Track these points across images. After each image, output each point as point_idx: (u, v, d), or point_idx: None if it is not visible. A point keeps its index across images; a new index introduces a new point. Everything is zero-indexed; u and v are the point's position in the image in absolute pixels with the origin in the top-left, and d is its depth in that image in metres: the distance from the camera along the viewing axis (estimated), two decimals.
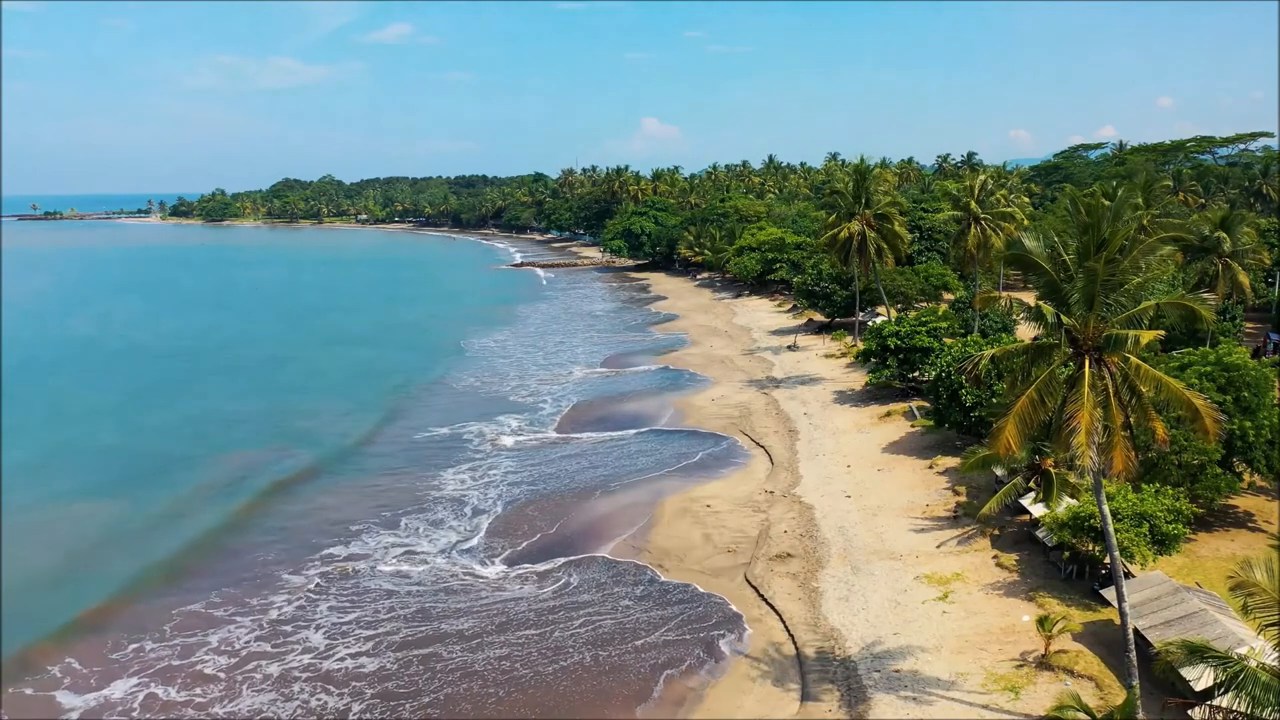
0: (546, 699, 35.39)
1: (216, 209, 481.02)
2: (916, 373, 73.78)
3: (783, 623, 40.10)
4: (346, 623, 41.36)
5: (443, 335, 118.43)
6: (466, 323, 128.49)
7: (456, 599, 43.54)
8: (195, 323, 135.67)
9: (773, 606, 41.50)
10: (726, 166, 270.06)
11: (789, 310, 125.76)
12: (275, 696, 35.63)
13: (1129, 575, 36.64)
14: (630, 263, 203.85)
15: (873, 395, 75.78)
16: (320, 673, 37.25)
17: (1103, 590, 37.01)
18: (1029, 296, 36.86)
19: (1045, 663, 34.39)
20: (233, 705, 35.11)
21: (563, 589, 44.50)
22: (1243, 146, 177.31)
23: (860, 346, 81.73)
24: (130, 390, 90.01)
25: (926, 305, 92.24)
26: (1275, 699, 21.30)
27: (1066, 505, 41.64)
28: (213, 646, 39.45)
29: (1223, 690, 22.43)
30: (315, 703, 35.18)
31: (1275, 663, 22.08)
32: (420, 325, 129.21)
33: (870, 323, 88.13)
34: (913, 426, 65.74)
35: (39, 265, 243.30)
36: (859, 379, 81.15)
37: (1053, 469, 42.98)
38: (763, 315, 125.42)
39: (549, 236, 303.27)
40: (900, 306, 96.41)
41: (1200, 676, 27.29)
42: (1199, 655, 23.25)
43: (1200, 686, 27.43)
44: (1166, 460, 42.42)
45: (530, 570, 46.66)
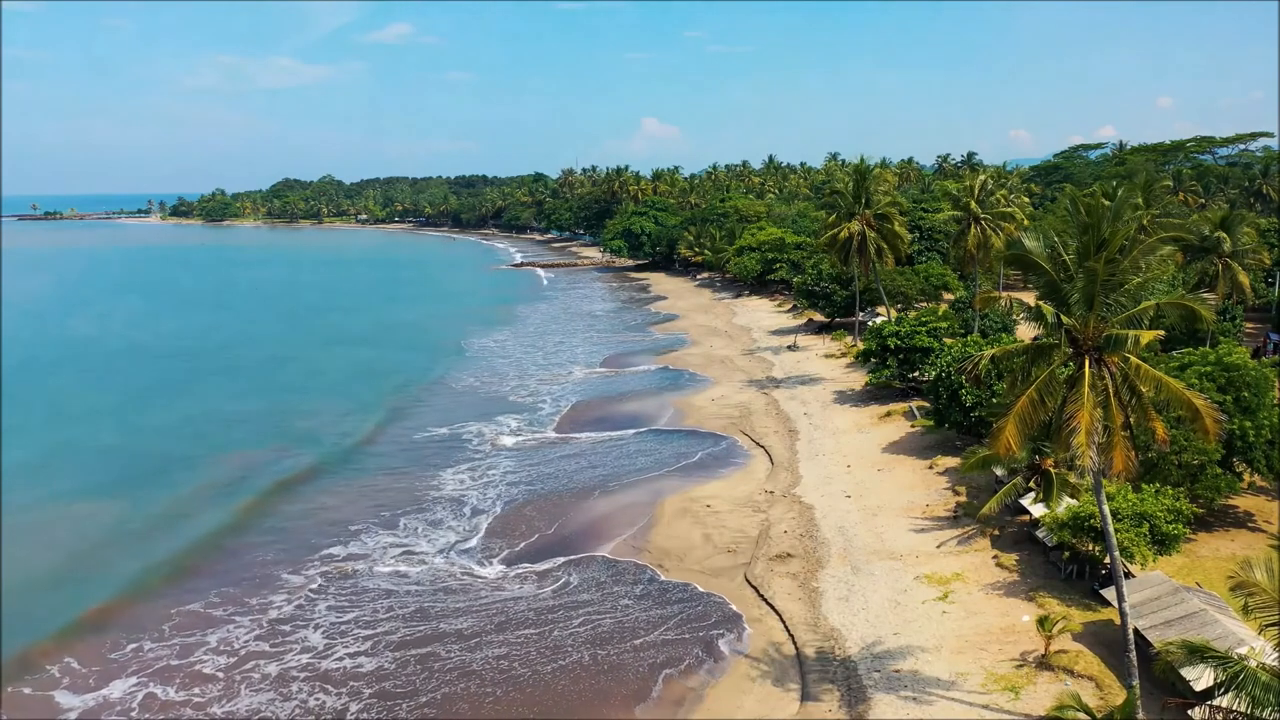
0: (545, 698, 35.36)
1: (216, 209, 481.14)
2: (916, 373, 73.75)
3: (783, 623, 40.07)
4: (345, 622, 41.33)
5: (442, 335, 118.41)
6: (466, 323, 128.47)
7: (455, 599, 43.49)
8: (195, 323, 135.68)
9: (773, 606, 41.47)
10: (726, 166, 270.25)
11: (789, 310, 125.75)
12: (274, 696, 35.61)
13: (1129, 575, 36.60)
14: (630, 263, 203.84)
15: (873, 395, 75.75)
16: (318, 672, 37.22)
17: (1103, 590, 36.98)
18: (1029, 296, 36.81)
19: (1045, 663, 34.36)
20: (231, 705, 35.08)
21: (562, 588, 44.46)
22: (1243, 146, 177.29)
23: (860, 346, 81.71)
24: (130, 390, 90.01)
25: (926, 305, 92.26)
26: (1275, 699, 21.27)
27: (1066, 505, 41.61)
28: (212, 646, 39.44)
29: (1223, 690, 22.40)
30: (313, 702, 35.16)
31: (1275, 663, 22.05)
32: (420, 325, 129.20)
33: (870, 323, 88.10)
34: (913, 426, 65.71)
35: (39, 265, 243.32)
36: (859, 379, 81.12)
37: (1053, 469, 42.95)
38: (763, 315, 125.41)
39: (549, 236, 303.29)
40: (900, 306, 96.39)
41: (1200, 676, 27.25)
42: (1199, 655, 23.22)
43: (1200, 686, 27.39)
44: (1166, 460, 42.38)
45: (529, 570, 46.62)
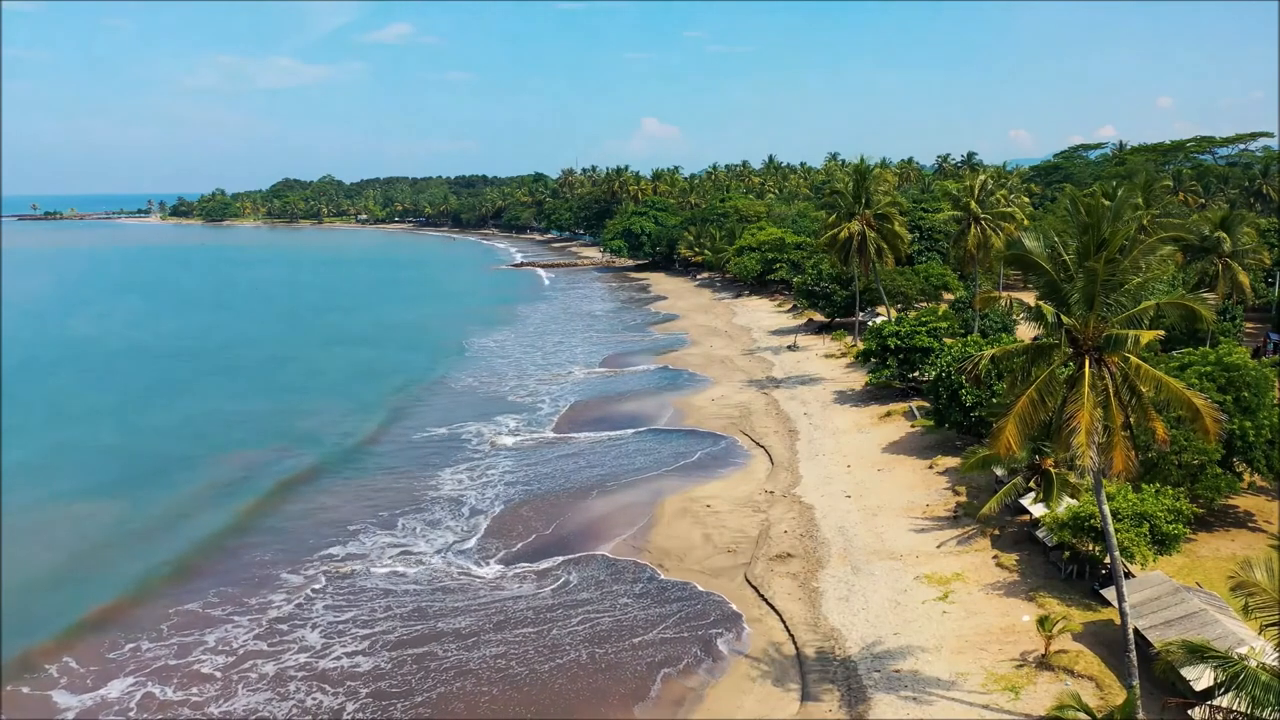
0: (542, 697, 35.32)
1: (216, 209, 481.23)
2: (916, 373, 73.70)
3: (783, 623, 40.02)
4: (343, 622, 41.29)
5: (442, 335, 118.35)
6: (466, 323, 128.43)
7: (453, 598, 43.43)
8: (195, 323, 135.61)
9: (773, 606, 41.41)
10: (726, 166, 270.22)
11: (789, 310, 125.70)
12: (271, 696, 35.56)
13: (1129, 575, 36.55)
14: (630, 263, 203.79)
15: (873, 395, 75.69)
16: (316, 672, 37.18)
17: (1103, 590, 36.93)
18: (1029, 296, 36.77)
19: (1045, 663, 34.31)
20: (229, 705, 35.02)
21: (561, 588, 44.42)
22: (1243, 146, 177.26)
23: (860, 346, 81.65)
24: (130, 390, 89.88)
25: (926, 305, 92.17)
26: (1275, 699, 21.22)
27: (1066, 505, 41.55)
28: (210, 646, 39.38)
29: (1223, 690, 22.36)
30: (311, 702, 35.12)
31: (1275, 663, 22.00)
32: (420, 325, 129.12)
33: (870, 323, 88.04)
34: (913, 426, 65.65)
35: (39, 265, 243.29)
36: (859, 379, 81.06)
37: (1053, 469, 42.88)
38: (763, 315, 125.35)
39: (549, 236, 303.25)
40: (900, 306, 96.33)
41: (1200, 676, 27.18)
42: (1199, 655, 23.18)
43: (1200, 686, 27.33)
44: (1166, 460, 42.33)
45: (528, 569, 46.56)
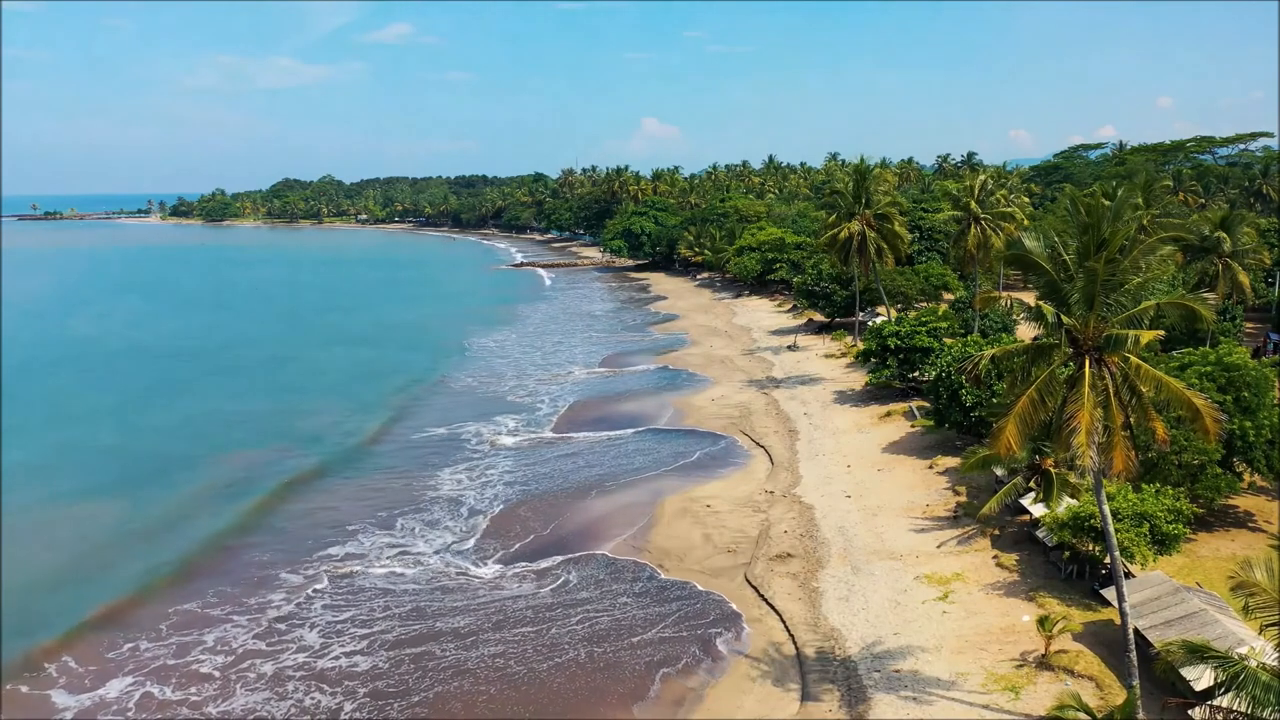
0: (540, 696, 35.29)
1: (216, 209, 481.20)
2: (916, 373, 73.65)
3: (783, 623, 39.98)
4: (341, 621, 41.24)
5: (442, 335, 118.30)
6: (466, 323, 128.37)
7: (452, 598, 43.38)
8: (195, 323, 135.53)
9: (773, 606, 41.37)
10: (726, 166, 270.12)
11: (789, 310, 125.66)
12: (269, 695, 35.53)
13: (1129, 575, 36.51)
14: (630, 263, 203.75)
15: (873, 395, 75.65)
16: (314, 672, 37.14)
17: (1103, 590, 36.89)
18: (1029, 296, 36.74)
19: (1045, 663, 34.27)
20: (227, 704, 34.98)
21: (560, 587, 44.38)
22: (1243, 146, 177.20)
23: (860, 346, 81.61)
24: (131, 390, 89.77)
25: (926, 305, 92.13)
26: (1276, 699, 21.17)
27: (1066, 505, 41.52)
28: (208, 646, 39.34)
29: (1223, 690, 22.30)
30: (309, 701, 35.08)
31: (1276, 663, 21.96)
32: (420, 325, 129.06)
33: (870, 323, 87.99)
34: (913, 426, 65.61)
35: (39, 265, 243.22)
36: (859, 379, 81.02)
37: (1053, 469, 42.84)
38: (763, 315, 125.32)
39: (549, 236, 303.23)
40: (900, 306, 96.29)
41: (1200, 676, 27.14)
42: (1199, 655, 23.12)
43: (1200, 686, 27.28)
44: (1166, 460, 42.29)
45: (528, 569, 46.52)
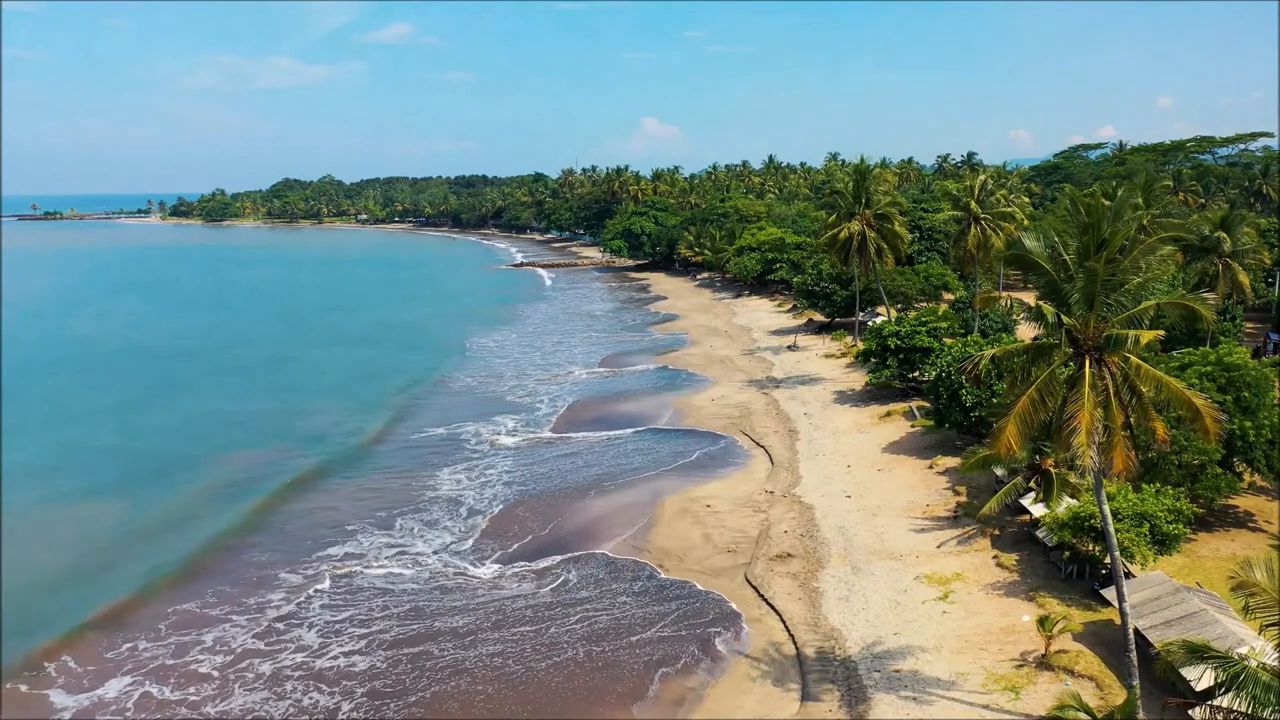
0: (538, 695, 35.27)
1: (216, 209, 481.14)
2: (916, 373, 73.61)
3: (783, 623, 39.94)
4: (340, 621, 41.20)
5: (442, 335, 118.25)
6: (465, 323, 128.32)
7: (451, 598, 43.34)
8: (195, 323, 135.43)
9: (773, 606, 41.34)
10: (726, 166, 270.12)
11: (789, 310, 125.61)
12: (267, 695, 35.50)
13: (1129, 575, 36.47)
14: (630, 263, 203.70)
15: (873, 395, 75.62)
16: (313, 671, 37.11)
17: (1103, 590, 36.85)
18: (1029, 296, 36.70)
19: (1045, 663, 34.23)
20: (226, 704, 34.95)
21: (560, 587, 44.35)
22: (1243, 146, 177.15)
23: (860, 346, 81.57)
24: (131, 390, 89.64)
25: (926, 305, 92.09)
26: (1276, 699, 21.12)
27: (1066, 505, 41.48)
28: (207, 645, 39.30)
29: (1223, 690, 22.25)
30: (307, 701, 35.06)
31: (1276, 663, 21.92)
32: (420, 325, 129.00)
33: (870, 323, 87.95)
34: (913, 426, 65.58)
35: (39, 265, 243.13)
36: (859, 379, 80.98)
37: (1053, 469, 42.81)
38: (763, 315, 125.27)
39: (549, 236, 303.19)
40: (900, 306, 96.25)
41: (1201, 676, 27.11)
42: (1199, 655, 23.07)
43: (1201, 686, 27.23)
44: (1167, 460, 42.25)
45: (526, 568, 46.49)
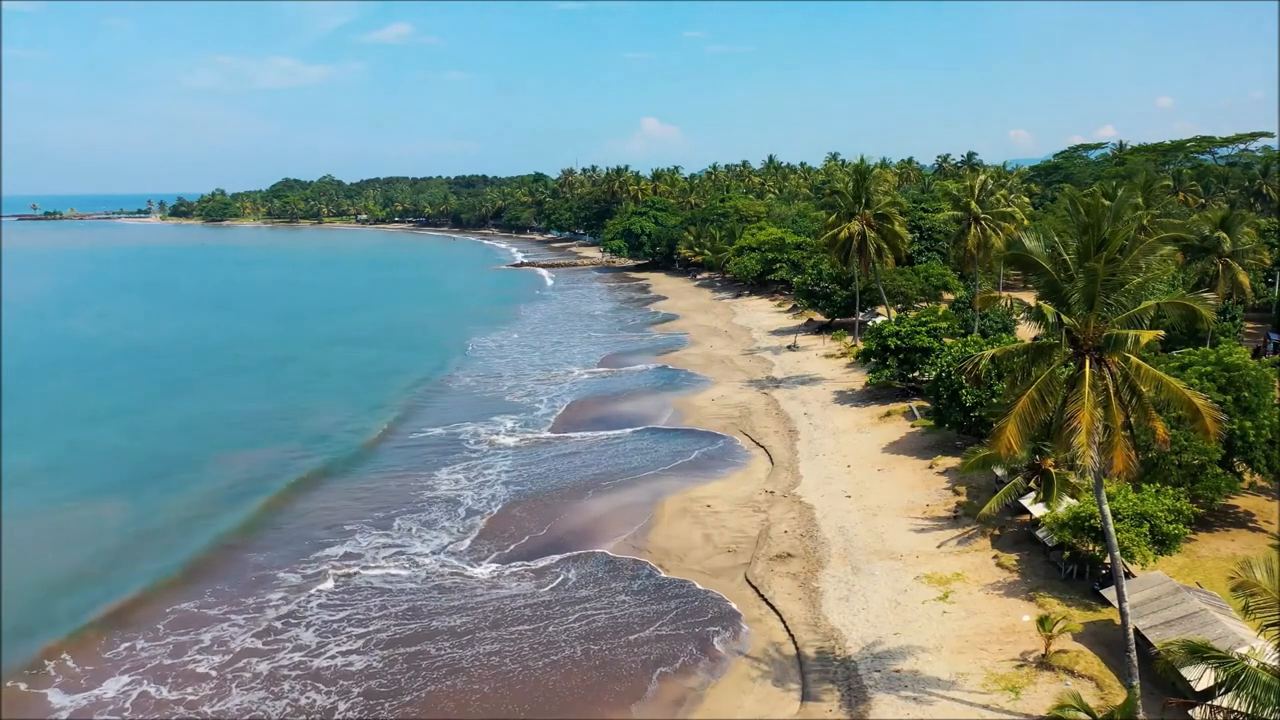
0: (536, 694, 35.27)
1: (216, 209, 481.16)
2: (916, 373, 73.57)
3: (783, 622, 39.90)
4: (338, 621, 41.17)
5: (442, 335, 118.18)
6: (465, 323, 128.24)
7: (448, 597, 43.31)
8: (196, 323, 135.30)
9: (773, 606, 41.30)
10: (726, 166, 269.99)
11: (789, 310, 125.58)
12: (265, 695, 35.47)
13: (1129, 575, 36.43)
14: (630, 263, 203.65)
15: (873, 395, 75.58)
16: (310, 671, 37.09)
17: (1103, 590, 36.81)
18: (1029, 296, 36.66)
19: (1045, 663, 34.19)
20: (223, 704, 34.92)
21: (560, 586, 44.33)
22: (1243, 146, 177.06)
23: (860, 346, 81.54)
24: (133, 391, 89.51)
25: (926, 305, 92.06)
26: (1276, 699, 21.09)
27: (1067, 505, 41.44)
28: (205, 645, 39.26)
29: (1223, 690, 22.22)
30: (304, 701, 35.05)
31: (1276, 663, 21.88)
32: (419, 325, 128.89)
33: (870, 323, 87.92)
34: (913, 426, 65.54)
35: (39, 265, 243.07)
36: (859, 379, 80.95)
37: (1053, 469, 42.78)
38: (763, 315, 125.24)
39: (549, 236, 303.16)
40: (900, 306, 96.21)
41: (1201, 676, 27.08)
42: (1199, 655, 23.04)
43: (1201, 686, 27.21)
44: (1167, 460, 42.21)
45: (525, 568, 46.46)
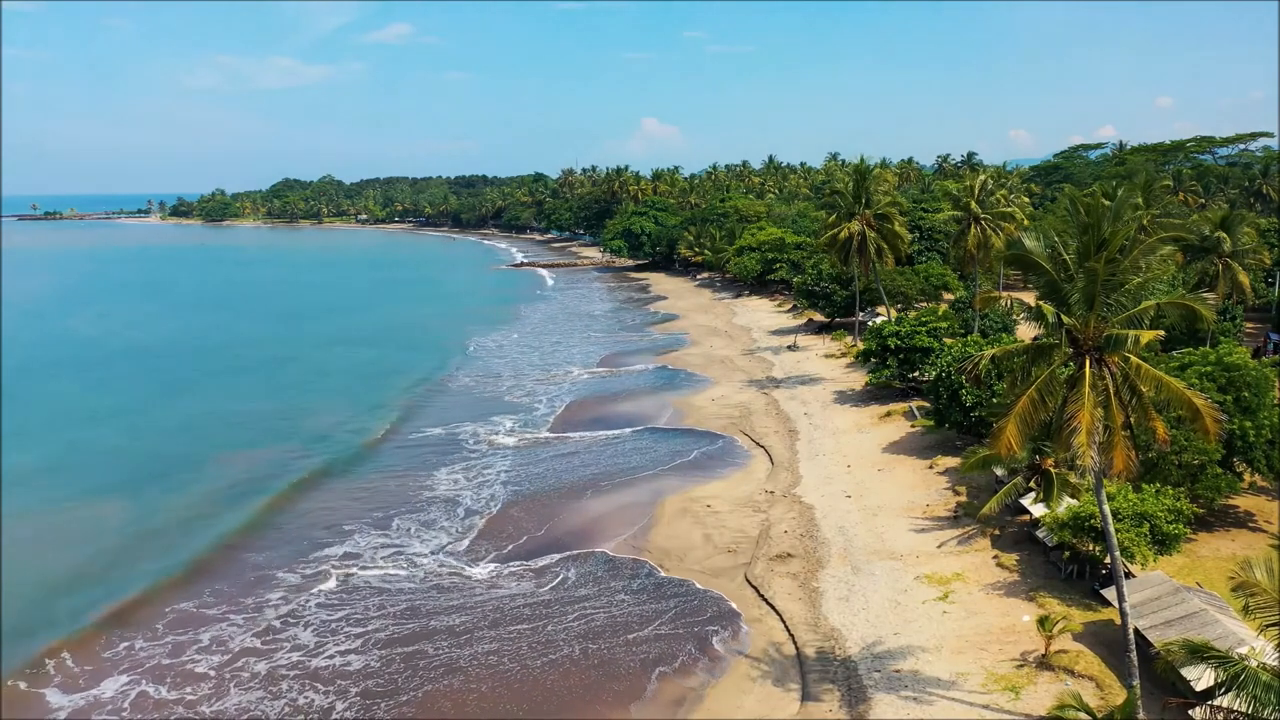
0: (533, 693, 35.25)
1: (216, 209, 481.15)
2: (916, 373, 73.55)
3: (783, 622, 39.88)
4: (336, 620, 41.15)
5: (442, 335, 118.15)
6: (465, 323, 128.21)
7: (447, 597, 43.30)
8: (196, 323, 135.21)
9: (773, 606, 41.28)
10: (726, 166, 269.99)
11: (789, 310, 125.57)
12: (263, 694, 35.46)
13: (1129, 575, 36.41)
14: (630, 263, 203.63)
15: (873, 395, 75.57)
16: (308, 670, 37.09)
17: (1103, 590, 36.79)
18: (1029, 296, 36.65)
19: (1046, 663, 34.17)
20: (221, 704, 34.90)
21: (559, 585, 44.32)
22: (1243, 146, 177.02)
23: (860, 346, 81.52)
24: (133, 391, 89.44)
25: (926, 305, 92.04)
26: (1276, 699, 21.07)
27: (1067, 505, 41.42)
28: (204, 645, 39.25)
29: (1224, 690, 22.21)
30: (302, 700, 35.04)
31: (1276, 663, 21.87)
32: (420, 325, 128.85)
33: (870, 323, 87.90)
34: (913, 426, 65.53)
35: (39, 265, 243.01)
36: (859, 379, 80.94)
37: (1053, 469, 42.76)
38: (763, 315, 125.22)
39: (549, 236, 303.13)
40: (900, 306, 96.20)
41: (1201, 676, 27.06)
42: (1200, 655, 23.02)
43: (1201, 686, 27.19)
44: (1167, 460, 42.19)
45: (524, 567, 46.46)
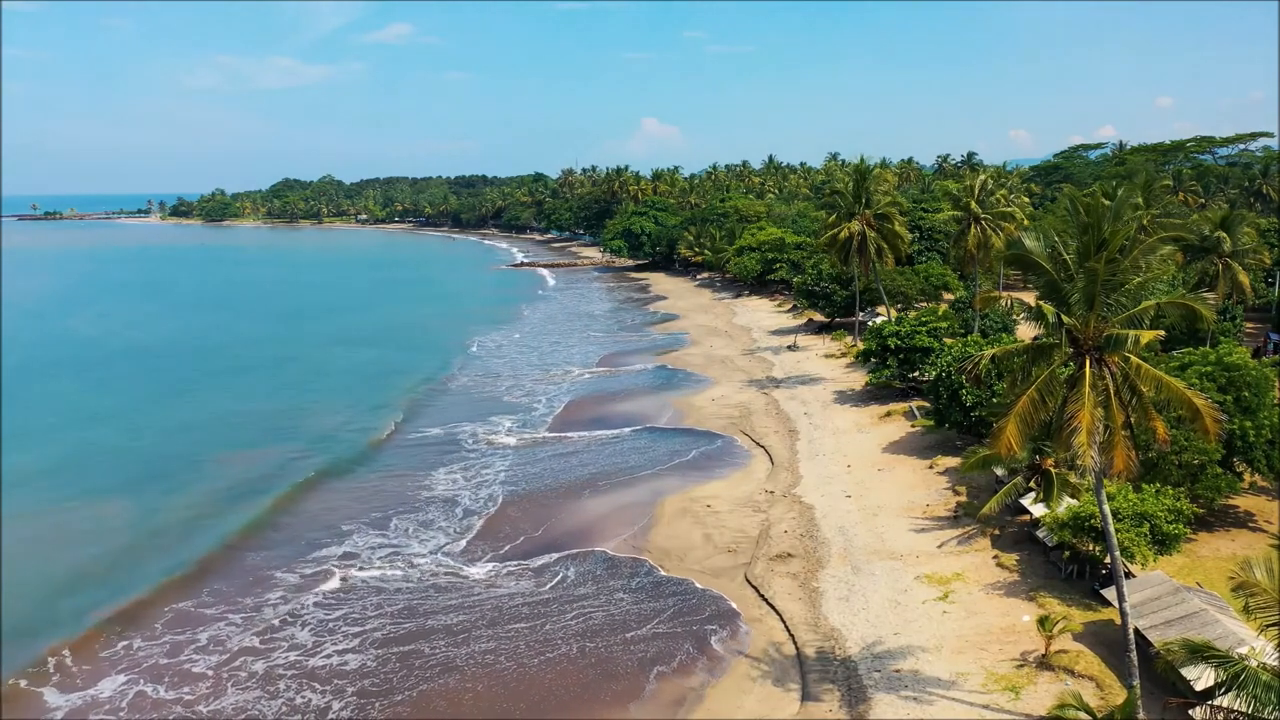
0: (530, 692, 35.25)
1: (216, 209, 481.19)
2: (916, 373, 73.55)
3: (783, 622, 39.86)
4: (334, 620, 41.14)
5: (442, 335, 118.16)
6: (465, 323, 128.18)
7: (445, 596, 43.27)
8: (196, 323, 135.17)
9: (773, 606, 41.26)
10: (726, 166, 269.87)
11: (789, 310, 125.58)
12: (261, 694, 35.45)
13: (1129, 575, 36.40)
14: (630, 263, 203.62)
15: (873, 395, 75.57)
16: (305, 670, 37.08)
17: (1103, 590, 36.78)
18: (1029, 296, 36.63)
19: (1046, 663, 34.16)
20: (219, 703, 34.88)
21: (558, 584, 44.30)
22: (1243, 146, 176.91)
23: (860, 346, 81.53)
24: (133, 391, 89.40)
25: (926, 305, 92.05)
26: (1276, 699, 21.05)
27: (1067, 505, 41.41)
28: (202, 644, 39.23)
29: (1224, 690, 22.21)
30: (300, 700, 35.01)
31: (1276, 662, 21.87)
32: (420, 325, 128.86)
33: (870, 323, 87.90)
34: (913, 426, 65.53)
35: (39, 265, 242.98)
36: (859, 379, 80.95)
37: (1053, 469, 42.75)
38: (763, 315, 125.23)
39: (549, 236, 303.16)
40: (900, 306, 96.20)
41: (1201, 676, 27.05)
42: (1200, 655, 23.02)
43: (1201, 686, 27.18)
44: (1167, 460, 42.19)
45: (523, 567, 46.44)
